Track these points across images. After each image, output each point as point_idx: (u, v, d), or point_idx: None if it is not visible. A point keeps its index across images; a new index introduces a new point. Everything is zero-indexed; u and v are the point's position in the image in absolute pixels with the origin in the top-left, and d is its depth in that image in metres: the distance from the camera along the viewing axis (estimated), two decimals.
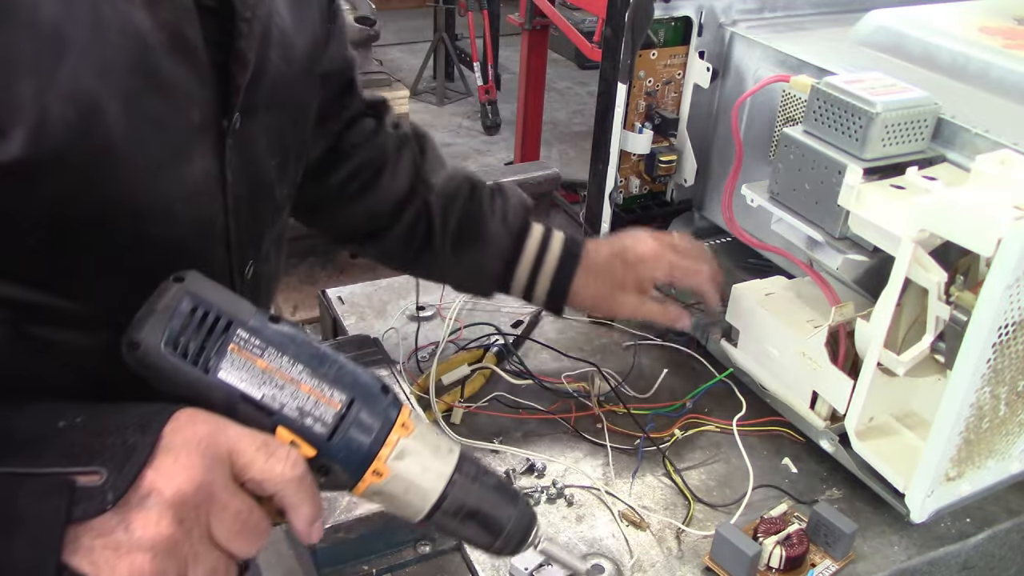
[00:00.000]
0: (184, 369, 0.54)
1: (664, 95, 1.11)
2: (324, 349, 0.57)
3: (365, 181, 0.94)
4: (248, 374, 0.55)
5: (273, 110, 0.70)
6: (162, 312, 0.54)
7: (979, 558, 0.88)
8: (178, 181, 0.63)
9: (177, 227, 0.64)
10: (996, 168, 0.70)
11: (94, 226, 0.59)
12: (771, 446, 0.95)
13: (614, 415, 0.98)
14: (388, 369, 0.92)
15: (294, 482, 0.54)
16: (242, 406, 0.55)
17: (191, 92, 0.62)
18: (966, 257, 0.72)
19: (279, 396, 0.55)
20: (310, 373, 0.56)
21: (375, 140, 0.96)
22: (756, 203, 0.89)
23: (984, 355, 0.67)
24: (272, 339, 0.56)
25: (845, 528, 0.79)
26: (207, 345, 0.54)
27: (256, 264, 0.74)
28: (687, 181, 1.13)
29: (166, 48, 0.59)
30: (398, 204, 0.94)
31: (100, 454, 0.50)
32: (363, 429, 0.56)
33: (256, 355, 0.55)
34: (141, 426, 0.52)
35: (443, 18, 4.73)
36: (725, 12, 1.06)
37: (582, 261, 0.93)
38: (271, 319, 0.57)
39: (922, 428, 0.82)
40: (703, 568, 0.80)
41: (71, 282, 0.61)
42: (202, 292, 0.56)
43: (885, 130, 0.77)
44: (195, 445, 0.52)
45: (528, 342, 1.09)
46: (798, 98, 0.94)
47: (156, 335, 0.54)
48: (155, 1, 0.58)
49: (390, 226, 0.94)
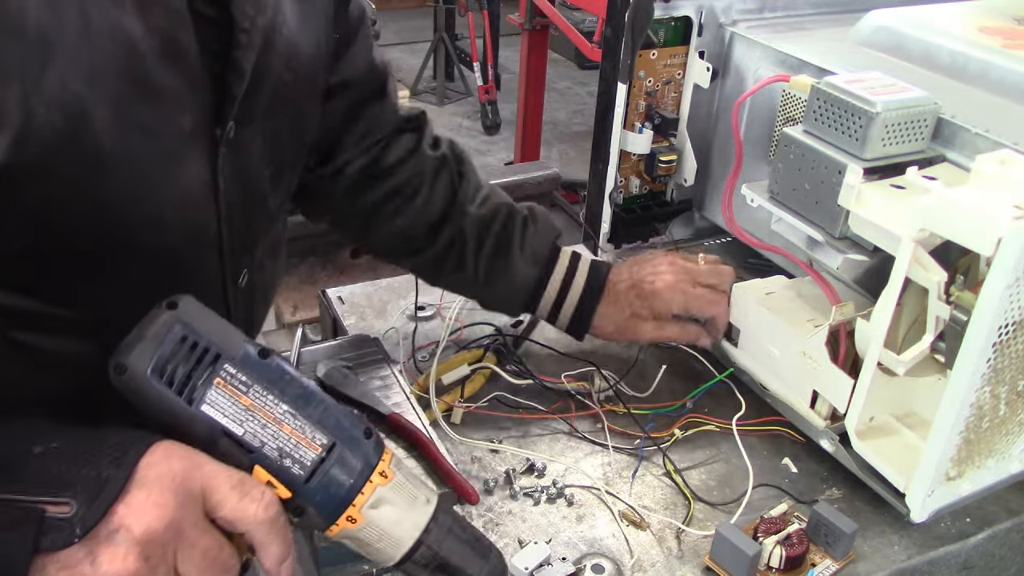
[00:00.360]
0: (168, 398, 0.54)
1: (664, 95, 1.11)
2: (311, 388, 0.57)
3: (400, 203, 0.94)
4: (232, 410, 0.55)
5: (271, 119, 0.70)
6: (151, 339, 0.54)
7: (979, 558, 0.88)
8: (168, 187, 0.62)
9: (167, 234, 0.63)
10: (996, 168, 0.70)
11: (81, 233, 0.59)
12: (771, 446, 0.95)
13: (614, 415, 0.98)
14: (388, 369, 0.92)
15: (265, 523, 0.54)
16: (223, 441, 0.55)
17: (182, 99, 0.61)
18: (966, 257, 0.72)
19: (260, 434, 0.55)
20: (294, 414, 0.56)
21: (413, 160, 0.95)
22: (756, 203, 0.89)
23: (984, 355, 0.67)
24: (259, 376, 0.56)
25: (845, 528, 0.79)
26: (193, 377, 0.54)
27: (251, 272, 0.74)
28: (687, 181, 1.13)
29: (157, 54, 0.58)
30: (432, 228, 0.95)
31: (72, 485, 0.50)
32: (341, 475, 0.56)
33: (241, 391, 0.55)
34: (116, 458, 0.52)
35: (443, 18, 4.73)
36: (725, 12, 1.06)
37: (604, 293, 0.96)
38: (261, 353, 0.56)
39: (922, 428, 0.82)
40: (703, 568, 0.80)
41: (59, 288, 0.60)
42: (194, 321, 0.55)
43: (885, 130, 0.77)
44: (169, 481, 0.52)
45: (528, 342, 1.09)
46: (798, 98, 0.94)
47: (143, 361, 0.53)
48: (147, 7, 0.57)
49: (422, 249, 0.96)
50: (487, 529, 0.83)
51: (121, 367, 0.53)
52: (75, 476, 0.51)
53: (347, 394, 0.87)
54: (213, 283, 0.71)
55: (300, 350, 0.93)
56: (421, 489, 0.60)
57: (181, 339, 0.55)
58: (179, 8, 0.60)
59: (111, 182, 0.58)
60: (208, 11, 0.61)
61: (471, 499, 0.78)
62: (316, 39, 0.76)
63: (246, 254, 0.73)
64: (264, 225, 0.76)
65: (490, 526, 0.83)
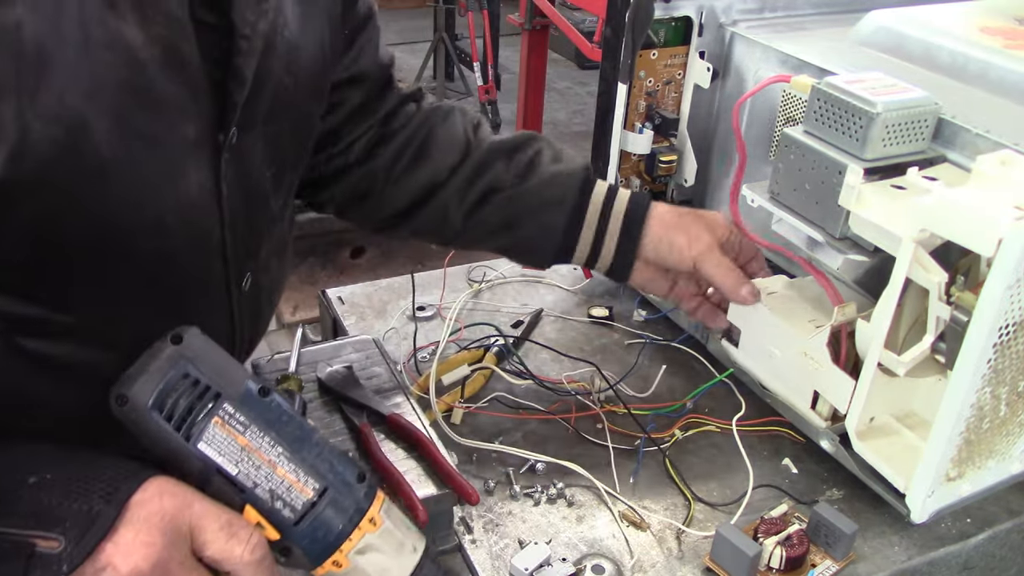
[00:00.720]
0: (166, 433, 0.55)
1: (664, 95, 1.10)
2: (307, 430, 0.58)
3: (415, 154, 0.92)
4: (227, 449, 0.56)
5: (272, 122, 0.70)
6: (154, 373, 0.55)
7: (980, 558, 0.88)
8: (170, 196, 0.62)
9: (169, 241, 0.63)
10: (997, 168, 0.70)
11: (80, 243, 0.59)
12: (771, 446, 0.95)
13: (614, 415, 0.98)
14: (388, 369, 0.92)
15: (251, 565, 0.55)
16: (216, 479, 0.56)
17: (185, 108, 0.61)
18: (967, 257, 0.72)
19: (254, 475, 0.56)
20: (288, 457, 0.57)
21: (417, 117, 0.94)
22: (756, 203, 0.89)
23: (985, 355, 0.67)
24: (257, 416, 0.57)
25: (845, 528, 0.79)
26: (192, 414, 0.55)
27: (255, 275, 0.74)
28: (687, 181, 1.13)
29: (159, 64, 0.58)
30: (454, 167, 0.91)
31: (63, 520, 0.51)
32: (330, 520, 0.57)
33: (238, 431, 0.56)
34: (108, 493, 0.53)
35: (443, 18, 4.73)
36: (725, 12, 1.06)
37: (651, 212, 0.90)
38: (261, 391, 0.57)
39: (923, 428, 0.82)
40: (703, 568, 0.80)
41: (59, 294, 0.60)
42: (197, 357, 0.56)
43: (886, 130, 0.77)
44: (158, 520, 0.53)
45: (528, 342, 1.09)
46: (798, 98, 0.94)
47: (144, 395, 0.55)
48: (148, 17, 0.57)
49: (446, 182, 0.90)
50: (487, 530, 0.83)
51: (122, 398, 0.55)
52: (66, 510, 0.52)
53: (347, 395, 0.87)
54: (217, 287, 0.70)
55: (300, 350, 0.93)
56: (409, 536, 0.61)
57: (183, 375, 0.56)
58: (180, 17, 0.59)
59: (111, 193, 0.58)
60: (209, 18, 0.61)
61: (471, 499, 0.78)
62: (320, 39, 0.76)
63: (250, 257, 0.73)
64: (267, 226, 0.75)
65: (490, 527, 0.83)
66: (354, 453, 0.81)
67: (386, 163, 0.92)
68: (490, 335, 1.08)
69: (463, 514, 0.84)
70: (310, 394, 0.88)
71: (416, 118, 0.94)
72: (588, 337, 1.12)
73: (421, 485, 0.78)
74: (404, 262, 1.53)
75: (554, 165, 0.91)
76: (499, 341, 1.06)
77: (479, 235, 0.93)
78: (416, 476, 0.79)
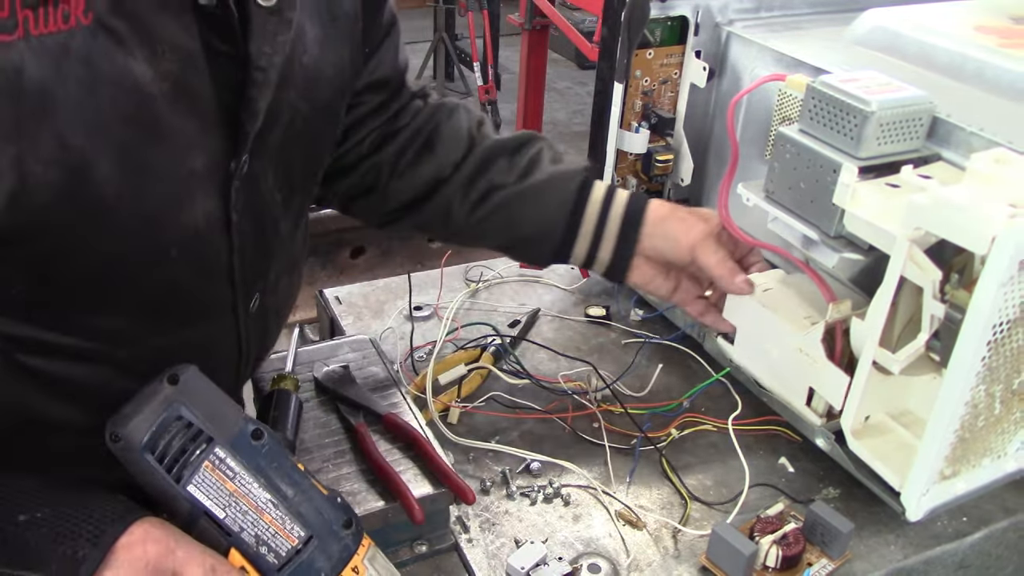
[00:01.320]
0: (158, 474, 0.56)
1: (660, 94, 1.10)
2: (296, 477, 0.60)
3: (421, 148, 0.92)
4: (216, 493, 0.57)
5: (285, 148, 0.68)
6: (149, 415, 0.57)
7: (975, 557, 0.88)
8: (174, 227, 0.61)
9: (174, 269, 0.63)
10: (991, 166, 0.70)
11: (81, 275, 0.58)
12: (767, 445, 0.95)
13: (611, 414, 0.98)
14: (385, 369, 0.93)
15: None
16: (203, 521, 0.57)
17: (194, 140, 0.59)
18: (961, 255, 0.72)
19: (240, 520, 0.58)
20: (276, 504, 0.58)
21: (425, 112, 0.94)
22: (752, 202, 0.89)
23: (979, 353, 0.67)
24: (248, 462, 0.58)
25: (841, 527, 0.79)
26: (184, 456, 0.57)
27: (263, 296, 0.73)
28: (684, 180, 1.13)
29: (168, 98, 0.57)
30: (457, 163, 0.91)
31: (49, 562, 0.52)
32: (314, 567, 0.59)
33: (228, 477, 0.57)
34: (94, 536, 0.54)
35: (443, 18, 4.74)
36: (721, 11, 1.06)
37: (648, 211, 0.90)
38: (254, 434, 0.59)
39: (917, 426, 0.82)
40: (700, 567, 0.80)
41: (60, 318, 0.60)
42: (192, 399, 0.58)
43: (880, 129, 0.77)
44: (142, 566, 0.54)
45: (525, 342, 1.09)
46: (794, 97, 0.94)
47: (138, 435, 0.56)
48: (158, 52, 0.55)
49: (450, 178, 0.91)
50: (483, 529, 0.83)
51: (116, 436, 0.56)
52: (52, 552, 0.53)
53: (344, 394, 0.87)
54: (223, 310, 0.69)
55: (297, 350, 0.93)
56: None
57: (177, 417, 0.57)
58: (192, 49, 0.58)
59: (113, 229, 0.57)
60: (223, 47, 0.59)
61: (468, 499, 0.78)
62: (339, 62, 0.74)
63: (259, 279, 0.72)
64: (276, 248, 0.74)
65: (486, 526, 0.84)
66: (350, 455, 0.82)
67: (391, 157, 0.92)
68: (487, 335, 1.08)
69: (459, 513, 0.84)
70: (307, 393, 0.88)
71: (422, 114, 0.94)
72: (585, 336, 1.12)
73: (417, 484, 0.78)
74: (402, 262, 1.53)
75: (554, 166, 0.91)
76: (496, 341, 1.07)
77: (480, 232, 0.93)
78: (412, 475, 0.79)
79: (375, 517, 0.76)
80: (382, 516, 0.77)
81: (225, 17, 0.58)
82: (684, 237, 0.87)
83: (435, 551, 0.80)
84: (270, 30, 0.61)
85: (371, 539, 0.63)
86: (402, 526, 0.78)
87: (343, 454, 0.82)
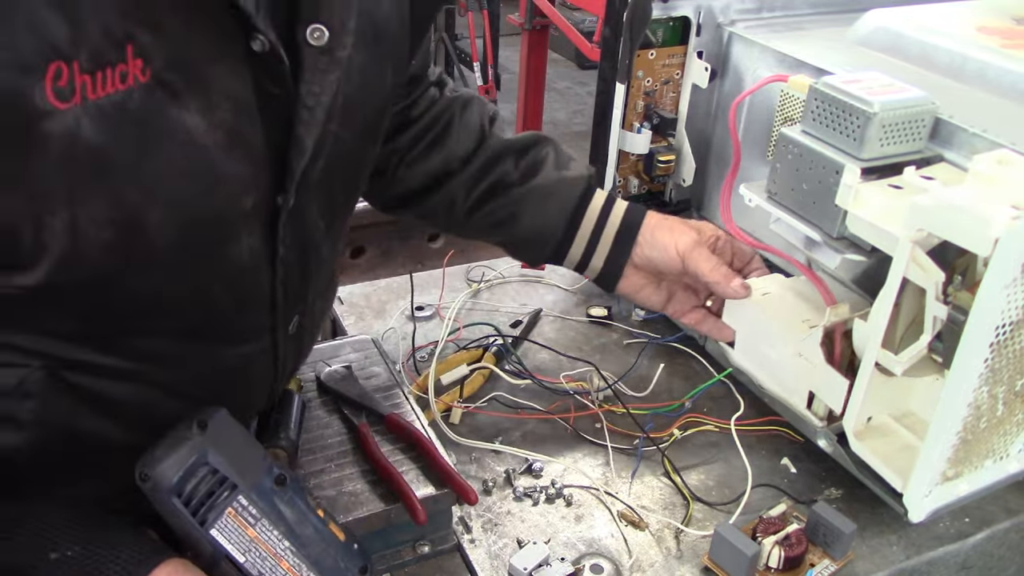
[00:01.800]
0: (183, 516, 0.59)
1: (662, 95, 1.11)
2: (315, 521, 0.63)
3: (433, 139, 0.93)
4: (237, 538, 0.60)
5: (328, 176, 0.67)
6: (177, 460, 0.59)
7: (978, 558, 0.88)
8: (221, 266, 0.61)
9: (216, 302, 0.63)
10: (994, 168, 0.70)
11: (123, 315, 0.59)
12: (770, 446, 0.95)
13: (613, 415, 0.98)
14: (387, 369, 0.92)
15: None
16: (224, 564, 0.60)
17: (245, 183, 0.59)
18: (964, 257, 0.72)
19: (259, 565, 0.60)
20: (294, 551, 0.61)
21: (439, 103, 0.95)
22: (754, 203, 0.89)
23: (982, 355, 0.67)
24: (269, 510, 0.61)
25: (844, 528, 0.79)
26: (210, 499, 0.60)
27: (302, 318, 0.73)
28: (685, 181, 1.13)
29: (222, 147, 0.56)
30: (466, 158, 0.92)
31: None
32: None
33: (250, 524, 0.60)
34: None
35: (443, 18, 4.72)
36: (723, 12, 1.06)
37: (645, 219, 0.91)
38: (278, 479, 0.62)
39: (920, 428, 0.82)
40: (702, 568, 0.80)
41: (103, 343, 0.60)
42: (220, 445, 0.61)
43: (883, 130, 0.77)
44: None
45: (527, 342, 1.09)
46: (796, 98, 0.94)
47: (166, 479, 0.59)
48: (213, 103, 0.55)
49: (457, 172, 0.92)
50: (486, 529, 0.83)
51: (145, 476, 0.59)
52: None
53: (346, 394, 0.87)
54: (261, 334, 0.70)
55: None
56: None
57: (204, 463, 0.60)
58: (246, 99, 0.57)
59: (161, 273, 0.58)
60: (275, 91, 0.59)
61: (470, 499, 0.78)
62: (381, 84, 0.72)
63: (299, 303, 0.72)
64: (316, 272, 0.74)
65: (489, 526, 0.84)
66: (353, 456, 0.82)
67: (404, 146, 0.93)
68: (489, 335, 1.08)
69: (462, 514, 0.84)
70: (309, 394, 0.88)
71: (438, 104, 0.95)
72: (587, 337, 1.12)
73: (420, 485, 0.78)
74: (403, 262, 1.53)
75: (558, 171, 0.92)
76: (498, 341, 1.07)
77: (480, 227, 0.94)
78: (415, 476, 0.79)
79: (378, 518, 0.76)
80: (385, 517, 0.77)
81: (277, 61, 0.57)
82: (674, 246, 0.88)
83: (437, 552, 0.81)
84: (320, 69, 0.60)
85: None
86: (405, 527, 0.78)
87: (346, 455, 0.82)
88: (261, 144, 0.59)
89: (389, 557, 0.79)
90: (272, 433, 0.78)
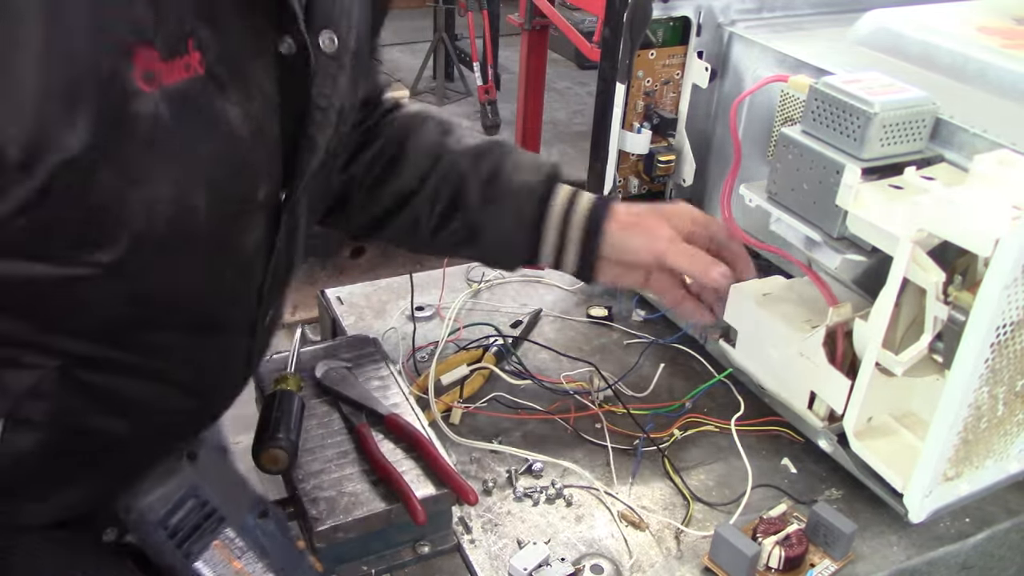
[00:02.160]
0: (168, 549, 0.59)
1: (663, 95, 1.10)
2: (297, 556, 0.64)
3: (388, 163, 0.93)
4: (223, 570, 0.60)
5: (316, 176, 0.71)
6: (166, 492, 0.59)
7: (978, 558, 0.88)
8: (234, 255, 0.65)
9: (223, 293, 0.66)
10: (994, 168, 0.70)
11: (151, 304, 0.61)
12: (770, 446, 0.95)
13: (613, 415, 0.98)
14: (387, 369, 0.92)
15: None
16: None
17: (262, 174, 0.63)
18: (964, 257, 0.72)
19: None
20: None
21: (395, 124, 0.95)
22: (754, 203, 0.89)
23: (982, 355, 0.67)
24: (254, 543, 0.61)
25: (844, 528, 0.79)
26: (194, 535, 0.60)
27: (275, 311, 0.76)
28: (686, 181, 1.13)
29: (252, 138, 0.60)
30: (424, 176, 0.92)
31: None
32: None
33: (235, 556, 0.60)
34: None
35: (443, 18, 4.73)
36: (724, 12, 1.06)
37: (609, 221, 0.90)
38: (263, 513, 0.63)
39: (920, 428, 0.82)
40: (702, 568, 0.80)
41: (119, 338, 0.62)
42: (208, 478, 0.61)
43: (883, 130, 0.77)
44: None
45: (527, 342, 1.09)
46: (796, 98, 0.94)
47: (153, 513, 0.59)
48: (250, 96, 0.59)
49: (418, 191, 0.93)
50: (486, 530, 0.83)
51: (129, 508, 0.59)
52: None
53: (346, 394, 0.87)
54: (243, 327, 0.72)
55: (299, 350, 0.93)
56: None
57: (193, 496, 0.60)
58: (272, 94, 0.62)
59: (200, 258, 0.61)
60: (292, 90, 0.64)
61: (470, 500, 0.78)
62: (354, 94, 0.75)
63: (278, 295, 0.75)
64: (297, 266, 0.77)
65: (489, 527, 0.83)
66: (352, 456, 0.82)
67: (362, 170, 0.94)
68: (489, 335, 1.08)
69: (462, 514, 0.84)
70: (309, 393, 0.88)
71: (392, 127, 0.95)
72: (587, 337, 1.12)
73: (420, 485, 0.78)
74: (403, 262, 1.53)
75: (516, 176, 0.91)
76: (498, 341, 1.06)
77: (447, 245, 0.95)
78: (415, 476, 0.79)
79: (378, 518, 0.76)
80: (384, 517, 0.77)
81: (302, 63, 0.62)
82: (648, 249, 0.88)
83: (437, 552, 0.80)
84: (331, 74, 0.66)
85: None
86: (404, 527, 0.78)
87: (345, 455, 0.82)
88: (277, 138, 0.64)
89: (389, 557, 0.79)
90: (272, 433, 0.78)
